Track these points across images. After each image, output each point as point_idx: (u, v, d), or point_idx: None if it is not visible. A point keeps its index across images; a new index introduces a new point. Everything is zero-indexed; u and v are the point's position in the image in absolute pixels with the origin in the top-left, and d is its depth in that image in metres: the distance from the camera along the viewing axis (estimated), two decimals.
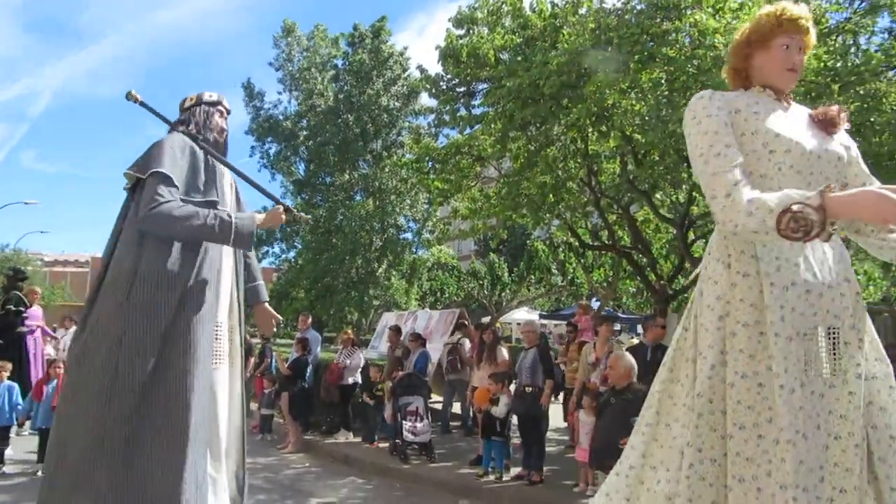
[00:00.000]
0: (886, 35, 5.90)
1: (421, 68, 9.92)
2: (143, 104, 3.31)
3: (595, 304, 22.60)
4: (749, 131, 2.11)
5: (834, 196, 1.76)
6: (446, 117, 8.70)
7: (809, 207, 1.75)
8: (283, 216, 3.22)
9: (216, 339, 3.07)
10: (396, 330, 10.08)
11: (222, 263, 3.17)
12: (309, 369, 9.09)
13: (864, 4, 5.74)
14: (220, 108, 3.41)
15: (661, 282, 9.80)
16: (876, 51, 5.37)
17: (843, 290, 2.08)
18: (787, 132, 2.08)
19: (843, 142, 2.18)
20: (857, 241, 2.22)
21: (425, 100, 22.14)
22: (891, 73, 5.29)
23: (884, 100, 5.36)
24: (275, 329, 3.83)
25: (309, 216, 3.05)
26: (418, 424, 7.69)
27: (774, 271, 2.06)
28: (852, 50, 5.24)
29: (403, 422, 7.67)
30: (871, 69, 4.82)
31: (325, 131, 26.08)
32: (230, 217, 2.95)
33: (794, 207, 1.76)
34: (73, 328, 12.70)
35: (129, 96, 3.29)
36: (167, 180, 2.89)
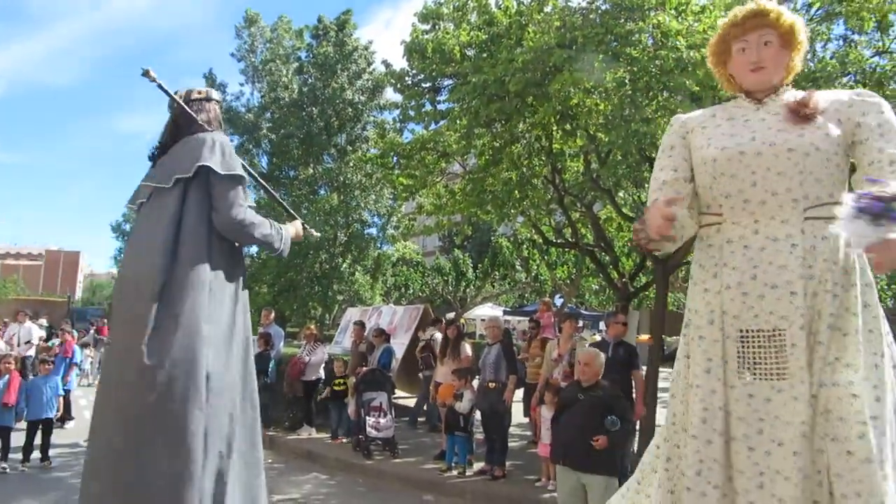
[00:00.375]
0: (841, 42, 6.07)
1: (386, 63, 9.88)
2: (160, 86, 2.96)
3: (558, 301, 22.85)
4: (696, 148, 2.24)
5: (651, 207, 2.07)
6: (411, 112, 8.68)
7: (640, 223, 2.08)
8: (303, 231, 3.30)
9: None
10: (360, 325, 10.06)
11: None
12: (272, 365, 9.01)
13: (820, 12, 5.90)
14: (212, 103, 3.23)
15: (623, 279, 9.93)
16: (831, 58, 5.52)
17: (797, 289, 1.94)
18: (721, 140, 2.14)
19: (833, 123, 2.07)
20: None
21: (390, 94, 22.03)
22: (846, 79, 5.45)
23: None
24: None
25: (319, 234, 3.07)
26: (381, 420, 7.69)
27: (711, 277, 2.10)
28: (808, 57, 5.37)
29: (367, 417, 7.67)
30: (825, 76, 4.97)
31: (288, 124, 25.79)
32: (281, 230, 3.03)
33: (636, 225, 2.11)
34: (28, 322, 12.37)
35: (147, 75, 2.91)
36: (244, 186, 2.88)
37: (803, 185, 2.01)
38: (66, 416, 9.30)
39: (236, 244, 2.94)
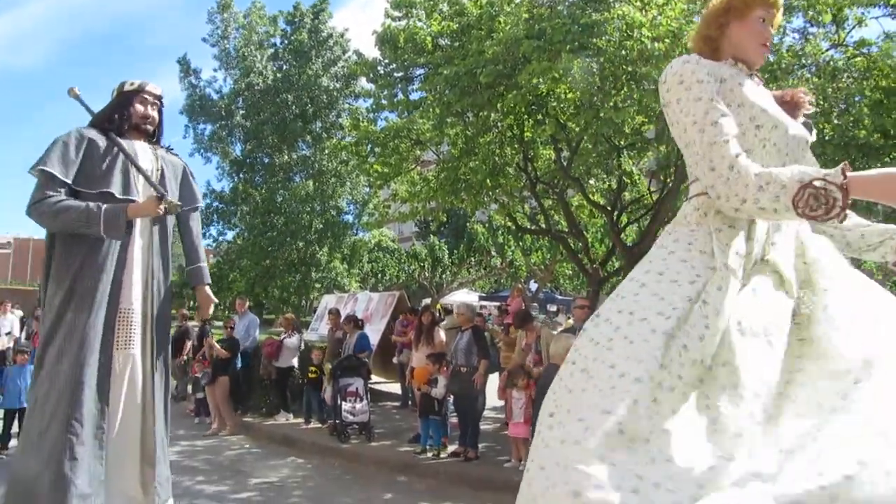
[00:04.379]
0: (798, 35, 6.27)
1: (358, 52, 9.93)
2: (80, 100, 3.44)
3: (533, 287, 23.10)
4: (735, 103, 1.95)
5: (856, 175, 1.64)
6: (384, 101, 8.76)
7: (832, 185, 1.61)
8: (158, 203, 3.27)
9: (127, 324, 3.26)
10: (336, 312, 10.15)
11: (132, 252, 3.31)
12: (241, 349, 9.09)
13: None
14: (143, 95, 3.48)
15: (594, 265, 10.15)
16: (787, 51, 5.70)
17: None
18: (771, 108, 1.96)
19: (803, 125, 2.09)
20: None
21: (365, 82, 21.99)
22: (801, 72, 5.63)
23: None
24: (211, 312, 3.90)
25: (179, 203, 3.13)
26: (357, 405, 7.83)
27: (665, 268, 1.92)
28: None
29: (343, 402, 7.79)
30: (782, 69, 5.15)
31: (263, 110, 25.62)
32: (98, 208, 3.12)
33: (817, 183, 1.62)
34: (9, 313, 12.28)
35: (70, 93, 3.45)
36: (50, 178, 3.12)
37: None
38: None
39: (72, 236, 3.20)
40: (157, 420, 3.29)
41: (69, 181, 3.16)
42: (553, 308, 23.14)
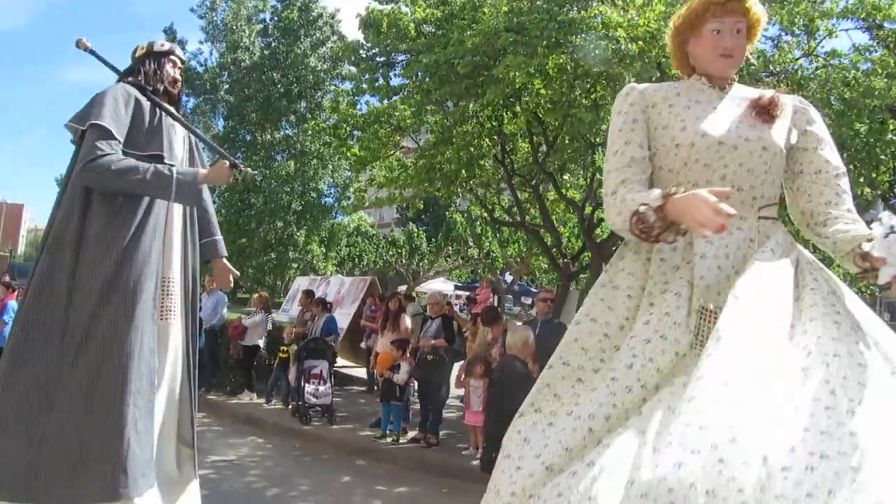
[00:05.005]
0: (769, 43, 6.36)
1: (341, 35, 9.89)
2: (93, 52, 3.15)
3: (509, 279, 23.23)
4: (661, 126, 2.04)
5: (675, 198, 1.73)
6: (364, 86, 8.76)
7: (651, 209, 1.75)
8: (230, 172, 3.06)
9: (167, 294, 3.04)
10: (308, 294, 10.15)
11: (172, 219, 3.11)
12: (207, 326, 9.04)
13: None
14: (171, 57, 3.27)
15: (566, 259, 10.25)
16: (758, 57, 5.79)
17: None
18: (698, 124, 1.99)
19: (788, 127, 2.06)
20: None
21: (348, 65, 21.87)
22: (768, 79, 5.73)
23: None
24: (232, 284, 3.75)
25: (256, 172, 2.92)
26: (321, 387, 7.86)
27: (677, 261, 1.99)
28: None
29: (306, 384, 7.83)
30: (750, 74, 5.22)
31: (248, 87, 25.37)
32: (171, 171, 2.88)
33: (641, 209, 1.78)
34: None
35: (78, 44, 3.15)
36: (106, 133, 2.84)
37: (764, 184, 1.98)
38: None
39: (120, 199, 2.91)
40: (193, 396, 3.19)
41: (121, 139, 2.90)
42: (528, 301, 23.29)
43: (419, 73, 7.56)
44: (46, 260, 2.88)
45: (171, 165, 2.97)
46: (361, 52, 8.77)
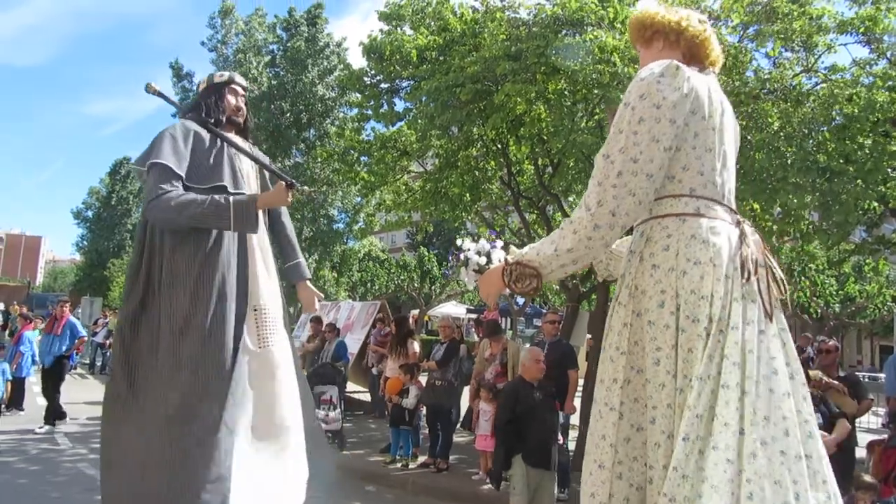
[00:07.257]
0: (768, 60, 6.39)
1: (346, 64, 10.02)
2: (160, 94, 3.27)
3: (520, 301, 23.11)
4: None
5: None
6: (369, 112, 8.86)
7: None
8: (288, 192, 3.05)
9: (262, 323, 3.11)
10: (317, 320, 10.19)
11: (253, 248, 3.16)
12: None
13: (752, 30, 6.20)
14: (232, 86, 3.34)
15: (574, 281, 10.20)
16: (754, 75, 5.82)
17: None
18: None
19: None
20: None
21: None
22: (769, 96, 5.74)
23: (769, 118, 5.84)
24: (317, 307, 3.76)
25: (314, 189, 2.92)
26: (331, 413, 7.86)
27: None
28: (734, 74, 5.66)
29: (317, 410, 7.82)
30: (747, 92, 5.25)
31: (257, 116, 25.68)
32: (227, 200, 2.91)
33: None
34: None
35: (148, 88, 3.25)
36: (166, 170, 2.91)
37: None
38: (15, 403, 9.42)
39: (189, 235, 2.97)
40: (306, 412, 3.25)
41: (183, 175, 2.96)
42: (540, 323, 23.12)
43: (423, 99, 7.64)
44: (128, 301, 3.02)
45: (235, 194, 3.02)
46: (366, 78, 8.88)
